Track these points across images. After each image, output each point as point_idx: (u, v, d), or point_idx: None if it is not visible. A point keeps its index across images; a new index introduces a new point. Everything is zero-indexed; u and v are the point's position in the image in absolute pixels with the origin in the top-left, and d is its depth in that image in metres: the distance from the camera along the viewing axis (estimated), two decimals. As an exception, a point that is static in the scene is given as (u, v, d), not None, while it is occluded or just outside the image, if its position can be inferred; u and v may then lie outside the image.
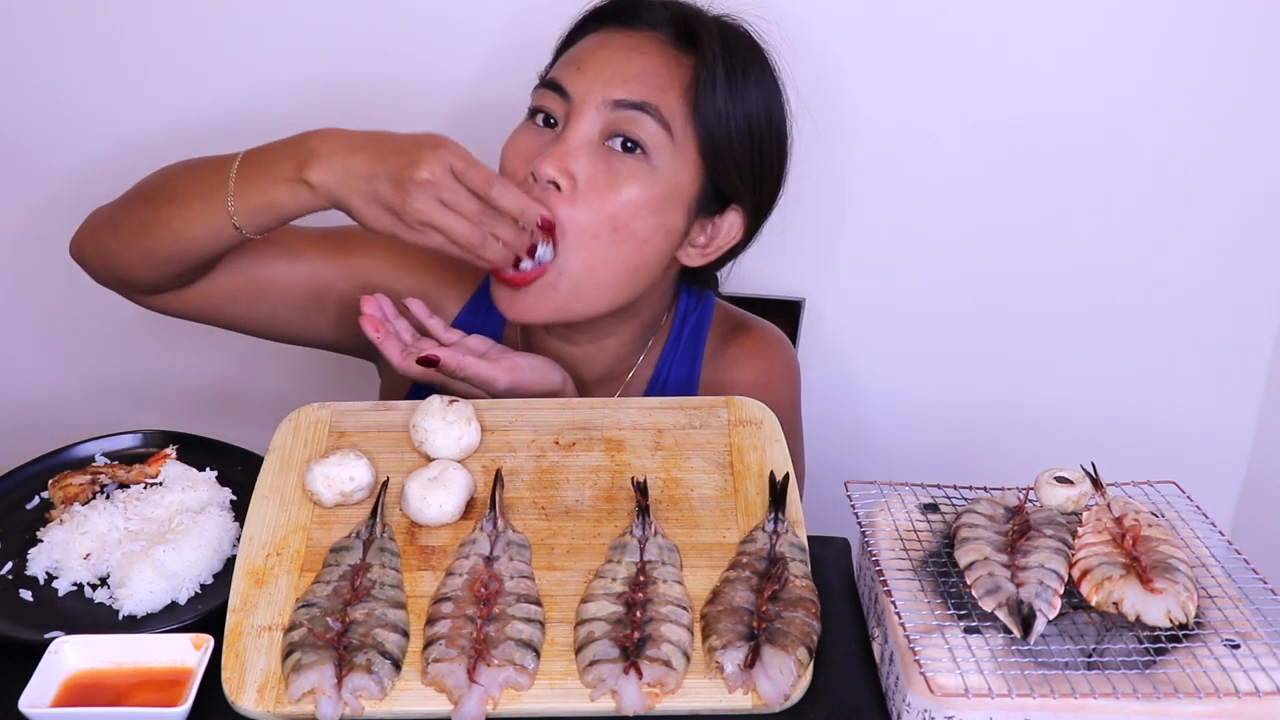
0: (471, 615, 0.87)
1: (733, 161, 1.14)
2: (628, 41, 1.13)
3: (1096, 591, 0.86)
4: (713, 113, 1.11)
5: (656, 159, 1.10)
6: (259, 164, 1.04)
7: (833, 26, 1.47)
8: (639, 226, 1.11)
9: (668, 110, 1.10)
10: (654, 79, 1.11)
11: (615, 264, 1.11)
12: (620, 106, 1.09)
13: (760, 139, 1.15)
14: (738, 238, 1.20)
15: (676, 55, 1.12)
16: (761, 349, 1.28)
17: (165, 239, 1.08)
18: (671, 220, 1.13)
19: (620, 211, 1.09)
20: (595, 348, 1.24)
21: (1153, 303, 1.61)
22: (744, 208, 1.18)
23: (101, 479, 1.07)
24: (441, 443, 1.02)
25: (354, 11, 1.50)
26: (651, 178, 1.10)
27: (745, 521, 0.97)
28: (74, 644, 0.87)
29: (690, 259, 1.19)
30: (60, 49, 1.52)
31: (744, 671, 0.83)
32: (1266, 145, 1.50)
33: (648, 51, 1.12)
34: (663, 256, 1.15)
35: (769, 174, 1.18)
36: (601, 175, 1.09)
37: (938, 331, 1.64)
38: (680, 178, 1.12)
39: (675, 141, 1.11)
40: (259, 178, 1.03)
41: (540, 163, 1.08)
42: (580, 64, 1.13)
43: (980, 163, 1.54)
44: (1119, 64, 1.48)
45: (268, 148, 1.06)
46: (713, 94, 1.11)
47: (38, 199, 1.63)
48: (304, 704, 0.83)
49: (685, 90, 1.11)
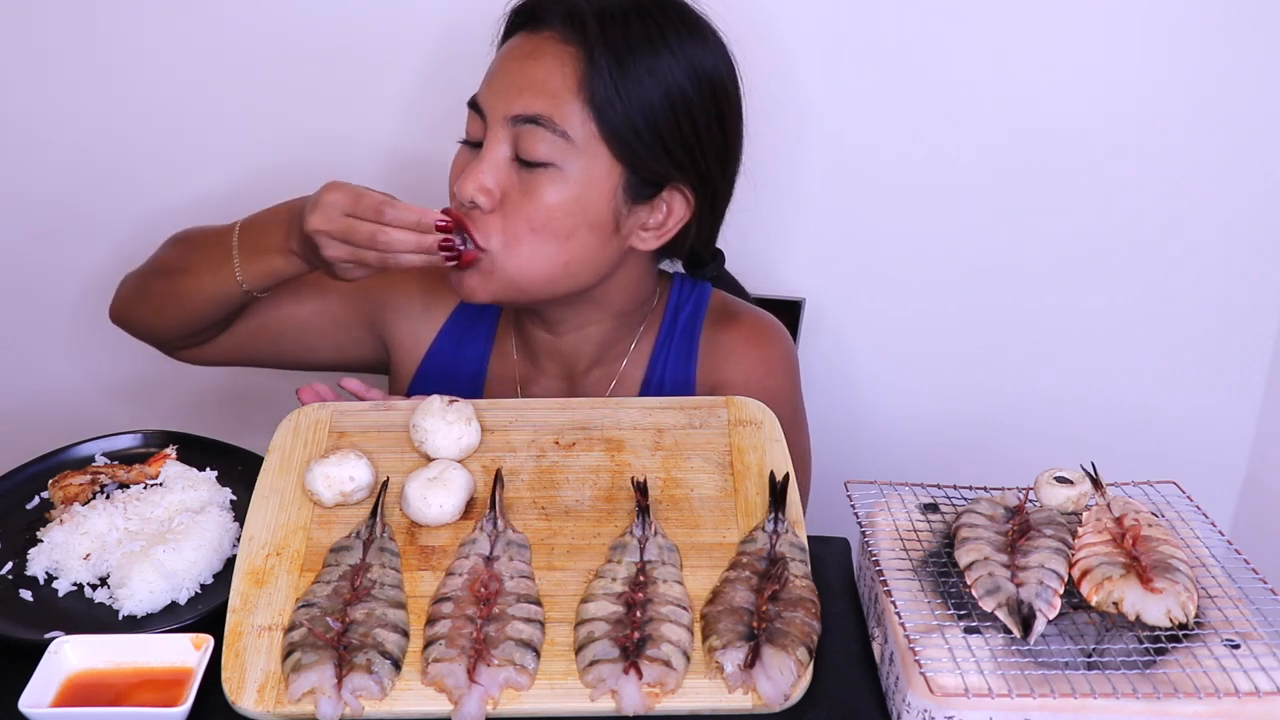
0: (471, 615, 0.87)
1: (644, 147, 1.11)
2: (526, 47, 1.12)
3: (1096, 591, 0.86)
4: (606, 104, 1.09)
5: (565, 165, 1.10)
6: (255, 238, 1.15)
7: (835, 27, 1.47)
8: (558, 227, 1.11)
9: (563, 116, 1.09)
10: (547, 86, 1.10)
11: (544, 261, 1.13)
12: (519, 122, 1.10)
13: (681, 110, 1.11)
14: (687, 215, 1.17)
15: (571, 51, 1.10)
16: (758, 338, 1.28)
17: (185, 305, 1.20)
18: (595, 215, 1.12)
19: (535, 216, 1.11)
20: (578, 337, 1.25)
21: (1153, 303, 1.61)
22: (685, 184, 1.16)
23: (101, 479, 1.07)
24: (441, 443, 1.02)
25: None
26: (563, 183, 1.10)
27: (745, 521, 0.97)
28: (74, 644, 0.87)
29: (645, 243, 1.18)
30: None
31: (744, 671, 0.83)
32: (1267, 145, 1.50)
33: (542, 56, 1.11)
34: (596, 248, 1.14)
35: (705, 141, 1.15)
36: (515, 189, 1.11)
37: (938, 331, 1.64)
38: (594, 174, 1.11)
39: (578, 144, 1.10)
40: (258, 250, 1.15)
41: (459, 186, 1.11)
42: (490, 80, 1.14)
43: (980, 164, 1.54)
44: (1119, 64, 1.48)
45: (259, 219, 1.16)
46: (601, 85, 1.09)
47: (37, 198, 1.63)
48: (304, 704, 0.83)
49: (579, 88, 1.10)
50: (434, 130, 1.19)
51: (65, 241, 1.65)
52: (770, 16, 1.41)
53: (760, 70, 1.19)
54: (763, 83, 1.20)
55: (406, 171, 1.56)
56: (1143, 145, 1.52)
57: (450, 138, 1.17)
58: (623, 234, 1.15)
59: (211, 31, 1.52)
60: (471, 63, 1.18)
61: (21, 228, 1.65)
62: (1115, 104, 1.49)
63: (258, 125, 1.57)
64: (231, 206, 1.59)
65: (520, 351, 1.29)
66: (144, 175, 1.60)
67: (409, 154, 1.57)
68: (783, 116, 1.47)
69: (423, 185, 1.52)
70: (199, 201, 1.60)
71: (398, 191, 1.10)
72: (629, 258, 1.19)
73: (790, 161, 1.52)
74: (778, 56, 1.40)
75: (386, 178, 1.57)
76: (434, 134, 1.19)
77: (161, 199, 1.61)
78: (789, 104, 1.47)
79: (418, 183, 1.54)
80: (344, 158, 1.53)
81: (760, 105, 1.20)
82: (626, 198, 1.13)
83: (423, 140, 1.25)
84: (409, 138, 1.55)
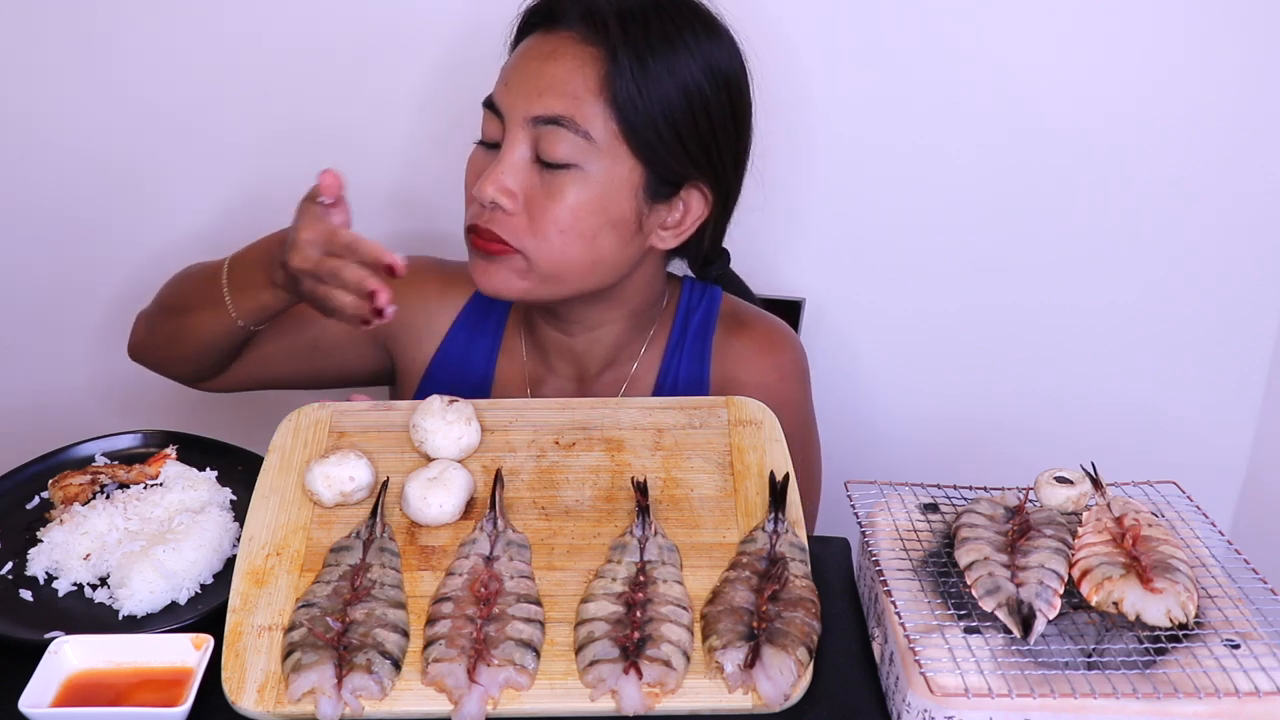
0: (471, 615, 0.87)
1: (664, 146, 1.11)
2: (545, 48, 1.12)
3: (1096, 591, 0.86)
4: (628, 104, 1.09)
5: (587, 165, 1.10)
6: (243, 275, 1.14)
7: (836, 27, 1.47)
8: (584, 227, 1.12)
9: (584, 117, 1.09)
10: (568, 86, 1.09)
11: (572, 261, 1.13)
12: (539, 123, 1.10)
13: (699, 108, 1.12)
14: (705, 212, 1.18)
15: (592, 52, 1.10)
16: (772, 345, 1.28)
17: (191, 344, 1.21)
18: (617, 214, 1.13)
19: (561, 217, 1.11)
20: (590, 338, 1.25)
21: (1153, 303, 1.61)
22: (702, 182, 1.16)
23: (101, 479, 1.07)
24: (441, 443, 1.02)
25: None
26: (585, 183, 1.10)
27: (745, 521, 0.97)
28: (74, 644, 0.87)
29: (664, 242, 1.18)
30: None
31: (744, 671, 0.83)
32: (1267, 145, 1.50)
33: (562, 56, 1.11)
34: (620, 247, 1.15)
35: (721, 139, 1.15)
36: (537, 190, 1.11)
37: (938, 331, 1.64)
38: (615, 174, 1.11)
39: (599, 144, 1.10)
40: (247, 286, 1.13)
41: (480, 188, 1.11)
42: (507, 79, 1.13)
43: (980, 164, 1.54)
44: (1119, 64, 1.48)
45: (246, 256, 1.15)
46: (623, 85, 1.09)
47: (36, 199, 1.63)
48: (304, 704, 0.83)
49: (601, 88, 1.10)
50: (446, 132, 1.19)
51: (65, 242, 1.65)
52: (773, 16, 1.41)
53: (762, 70, 1.19)
54: (763, 82, 1.20)
55: (420, 174, 1.56)
56: (1143, 145, 1.52)
57: (463, 139, 1.17)
58: (644, 233, 1.16)
59: (217, 36, 1.52)
60: (482, 65, 1.18)
61: (21, 228, 1.65)
62: (1115, 104, 1.49)
63: (261, 127, 1.56)
64: (230, 206, 1.61)
65: (531, 352, 1.29)
66: (144, 176, 1.60)
67: (420, 156, 1.56)
68: (783, 116, 1.47)
69: (435, 189, 1.53)
70: (200, 201, 1.60)
71: (409, 195, 1.10)
72: (647, 257, 1.19)
73: (790, 162, 1.52)
74: (780, 56, 1.39)
75: (397, 181, 1.57)
76: (447, 136, 1.19)
77: (162, 200, 1.61)
78: (789, 104, 1.47)
79: (430, 185, 1.55)
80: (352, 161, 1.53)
81: (762, 105, 1.20)
82: (647, 197, 1.14)
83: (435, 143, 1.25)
84: (421, 139, 1.55)
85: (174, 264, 1.29)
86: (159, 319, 1.26)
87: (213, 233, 1.60)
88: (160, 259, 1.59)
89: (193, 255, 1.29)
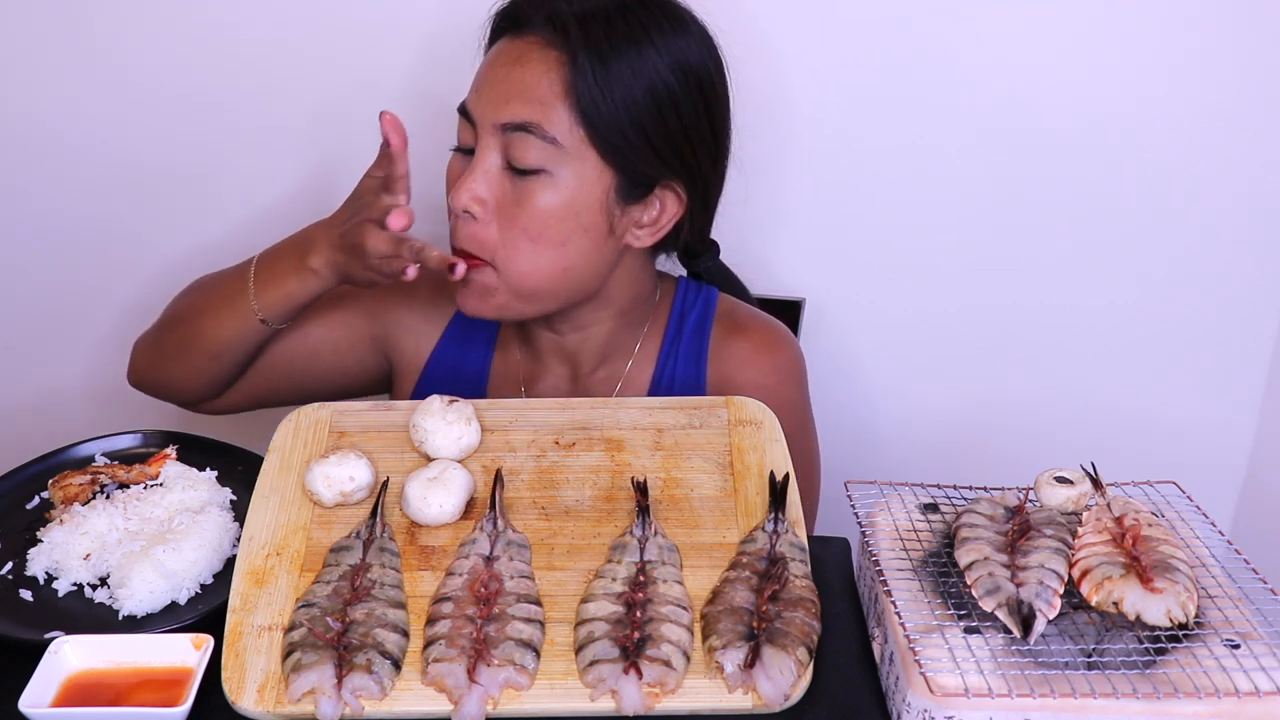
0: (471, 615, 0.87)
1: (631, 148, 1.11)
2: (512, 53, 1.12)
3: (1096, 591, 0.86)
4: (591, 107, 1.09)
5: (556, 171, 1.10)
6: (271, 264, 1.17)
7: (833, 27, 1.47)
8: (553, 234, 1.12)
9: (551, 122, 1.09)
10: (534, 92, 1.09)
11: (543, 269, 1.13)
12: (508, 129, 1.10)
13: (667, 107, 1.11)
14: (680, 211, 1.18)
15: (556, 56, 1.09)
16: (769, 346, 1.28)
17: (203, 348, 1.20)
18: (589, 219, 1.13)
19: (530, 224, 1.11)
20: (580, 337, 1.25)
21: (1153, 303, 1.60)
22: (676, 180, 1.15)
23: (101, 479, 1.07)
24: (441, 443, 1.02)
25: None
26: (554, 188, 1.10)
27: (745, 521, 0.97)
28: (74, 644, 0.87)
29: (640, 241, 1.18)
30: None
31: (744, 671, 0.83)
32: (1266, 145, 1.50)
33: (528, 61, 1.10)
34: (591, 252, 1.15)
35: (694, 136, 1.14)
36: (507, 197, 1.11)
37: (937, 331, 1.64)
38: (584, 178, 1.11)
39: (567, 149, 1.09)
40: (273, 275, 1.16)
41: (453, 197, 1.12)
42: (478, 86, 1.14)
43: (980, 163, 1.54)
44: (1119, 63, 1.48)
45: (277, 247, 1.18)
46: (586, 88, 1.08)
47: (36, 200, 1.63)
48: (304, 704, 0.83)
49: (565, 92, 1.09)
50: (446, 132, 1.18)
51: (65, 242, 1.65)
52: (775, 16, 1.41)
53: (759, 69, 1.19)
54: (761, 82, 1.20)
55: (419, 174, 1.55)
56: (1143, 145, 1.51)
57: (441, 143, 1.17)
58: (617, 234, 1.16)
59: (217, 36, 1.52)
60: (459, 67, 1.17)
61: (21, 229, 1.64)
62: (1115, 103, 1.49)
63: (262, 127, 1.56)
64: (228, 206, 1.60)
65: (524, 351, 1.29)
66: (144, 177, 1.60)
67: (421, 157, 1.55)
68: (783, 116, 1.47)
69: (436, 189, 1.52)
70: (199, 202, 1.60)
71: (413, 195, 1.10)
72: (625, 255, 1.19)
73: (790, 161, 1.52)
74: (777, 56, 1.40)
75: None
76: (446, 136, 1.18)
77: (162, 201, 1.61)
78: (789, 104, 1.47)
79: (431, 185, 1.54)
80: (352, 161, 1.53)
81: (761, 105, 1.20)
82: (619, 198, 1.14)
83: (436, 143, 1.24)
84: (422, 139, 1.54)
85: (174, 264, 1.29)
86: (168, 330, 1.25)
87: (213, 233, 1.60)
88: (160, 259, 1.60)
89: (192, 255, 1.30)
